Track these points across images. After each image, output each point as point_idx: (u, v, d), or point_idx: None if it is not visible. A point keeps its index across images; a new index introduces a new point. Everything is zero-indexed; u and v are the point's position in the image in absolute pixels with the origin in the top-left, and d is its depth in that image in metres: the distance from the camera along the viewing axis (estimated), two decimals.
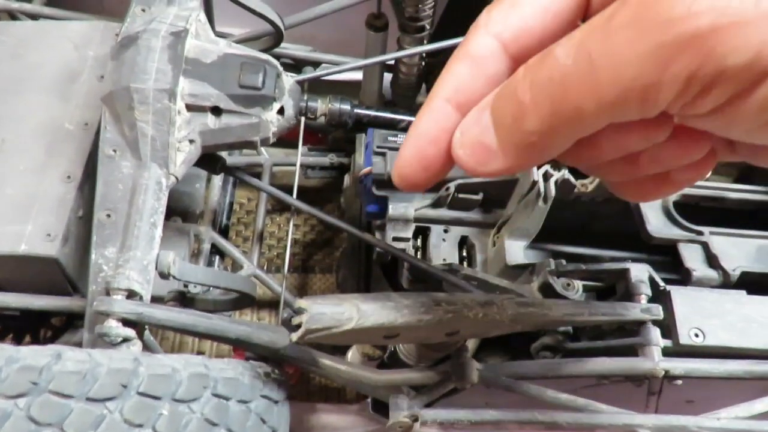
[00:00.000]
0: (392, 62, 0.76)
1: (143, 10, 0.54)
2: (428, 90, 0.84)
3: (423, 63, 0.75)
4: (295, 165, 0.71)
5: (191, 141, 0.51)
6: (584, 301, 0.53)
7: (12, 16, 0.71)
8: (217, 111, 0.51)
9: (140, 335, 0.45)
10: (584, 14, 0.24)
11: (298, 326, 0.31)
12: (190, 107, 0.50)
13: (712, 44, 0.18)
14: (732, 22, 0.18)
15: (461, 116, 0.25)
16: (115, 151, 0.49)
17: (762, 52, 0.18)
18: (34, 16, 0.71)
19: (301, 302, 0.30)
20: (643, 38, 0.19)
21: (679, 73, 0.18)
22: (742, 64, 0.18)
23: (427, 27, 0.70)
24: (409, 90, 0.79)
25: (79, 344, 0.57)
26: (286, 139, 0.65)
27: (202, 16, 0.54)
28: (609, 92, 0.20)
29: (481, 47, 0.24)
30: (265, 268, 0.92)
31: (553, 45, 0.21)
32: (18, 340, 0.66)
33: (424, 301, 0.32)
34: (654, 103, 0.20)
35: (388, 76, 0.79)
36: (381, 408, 0.62)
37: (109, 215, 0.48)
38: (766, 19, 0.18)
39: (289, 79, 0.54)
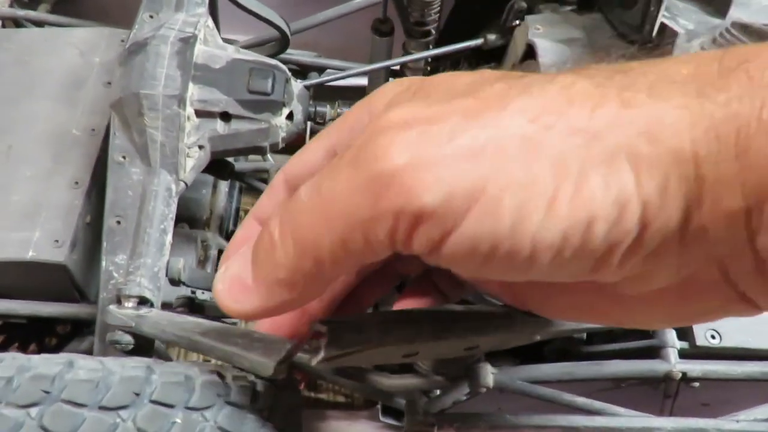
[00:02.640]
0: (397, 67, 0.76)
1: (151, 17, 0.53)
2: None
3: (428, 68, 0.75)
4: None
5: (201, 147, 0.50)
6: None
7: (17, 23, 0.71)
8: (226, 117, 0.51)
9: (150, 345, 0.44)
10: None
11: (317, 348, 0.30)
12: (199, 113, 0.50)
13: (405, 184, 0.19)
14: (419, 164, 0.19)
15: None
16: (124, 157, 0.49)
17: (452, 192, 0.19)
18: (39, 24, 0.71)
19: (319, 326, 0.29)
20: (356, 174, 0.20)
21: (387, 208, 0.19)
22: (437, 203, 0.19)
23: (433, 32, 0.70)
24: None
25: (86, 352, 0.56)
26: (290, 145, 0.65)
27: (211, 22, 0.54)
28: (336, 225, 0.21)
29: (277, 179, 0.29)
30: None
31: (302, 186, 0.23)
32: (23, 349, 0.65)
33: (444, 317, 0.32)
34: (376, 240, 0.20)
35: None
36: (391, 414, 0.62)
37: (119, 222, 0.48)
38: (450, 161, 0.19)
39: (297, 85, 0.54)
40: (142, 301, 0.44)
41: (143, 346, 0.43)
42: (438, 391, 0.46)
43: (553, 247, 0.19)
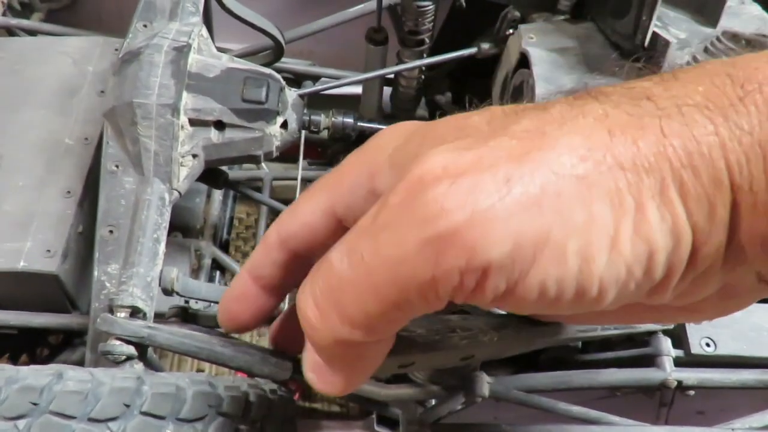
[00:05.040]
0: (392, 76, 0.76)
1: (145, 26, 0.53)
2: (427, 103, 0.84)
3: (422, 76, 0.76)
4: (294, 179, 0.71)
5: (194, 156, 0.50)
6: None
7: (10, 32, 0.71)
8: (220, 125, 0.50)
9: (143, 354, 0.44)
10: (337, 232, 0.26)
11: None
12: (193, 122, 0.50)
13: (471, 240, 0.18)
14: (483, 218, 0.18)
15: (256, 286, 0.28)
16: (117, 166, 0.49)
17: (519, 242, 0.18)
18: (32, 33, 0.71)
19: None
20: (407, 237, 0.19)
21: (450, 268, 0.19)
22: (505, 255, 0.18)
23: (427, 41, 0.71)
24: (408, 103, 0.79)
25: (78, 363, 0.56)
26: (285, 154, 0.65)
27: (205, 31, 0.54)
28: (388, 293, 0.20)
29: (270, 237, 0.28)
30: None
31: (329, 251, 0.22)
32: (14, 359, 0.64)
33: (439, 328, 0.32)
34: (435, 298, 0.20)
35: (387, 90, 0.79)
36: (386, 423, 0.61)
37: (111, 231, 0.47)
38: (513, 211, 0.18)
39: (292, 93, 0.54)
40: (135, 311, 0.44)
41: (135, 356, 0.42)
42: (433, 401, 0.46)
43: (618, 283, 0.19)
